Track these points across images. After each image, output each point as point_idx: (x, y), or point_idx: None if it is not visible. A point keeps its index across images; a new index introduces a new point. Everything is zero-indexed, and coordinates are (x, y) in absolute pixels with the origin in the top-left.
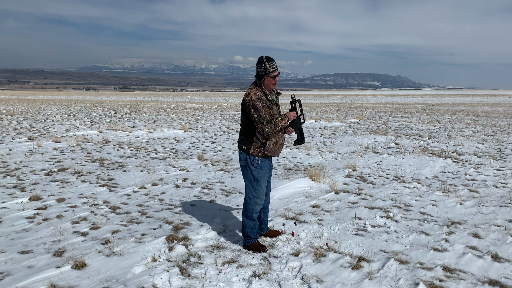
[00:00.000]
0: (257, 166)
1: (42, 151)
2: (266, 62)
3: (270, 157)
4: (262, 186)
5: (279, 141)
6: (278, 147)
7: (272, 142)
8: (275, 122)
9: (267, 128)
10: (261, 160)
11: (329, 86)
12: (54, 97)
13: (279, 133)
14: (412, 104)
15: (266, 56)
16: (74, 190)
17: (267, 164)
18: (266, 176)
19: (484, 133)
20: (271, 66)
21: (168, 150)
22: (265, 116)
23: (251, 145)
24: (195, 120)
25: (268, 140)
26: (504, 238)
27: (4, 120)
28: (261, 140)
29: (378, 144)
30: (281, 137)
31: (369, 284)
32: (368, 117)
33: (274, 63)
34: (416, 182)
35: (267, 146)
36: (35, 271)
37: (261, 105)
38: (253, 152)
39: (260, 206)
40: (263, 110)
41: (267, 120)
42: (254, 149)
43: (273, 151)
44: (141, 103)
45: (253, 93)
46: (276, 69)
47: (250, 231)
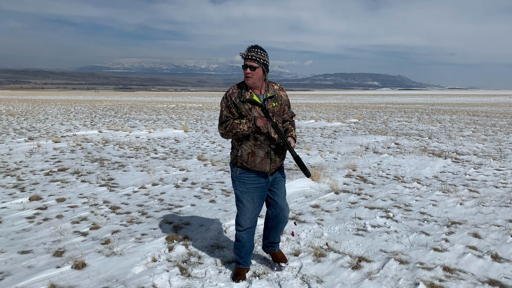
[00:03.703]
0: (235, 177)
1: (42, 151)
2: (247, 47)
3: (255, 171)
4: (245, 204)
5: (257, 152)
6: (258, 160)
7: (246, 152)
8: (232, 124)
9: (220, 130)
10: (240, 172)
11: (329, 86)
12: (54, 97)
13: (256, 142)
14: (412, 104)
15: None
16: (74, 190)
17: (252, 180)
18: (252, 194)
19: (484, 133)
20: (246, 51)
21: (168, 150)
22: (220, 116)
23: (232, 151)
24: (195, 120)
25: (240, 148)
26: (504, 238)
27: (4, 120)
28: (236, 147)
29: (378, 144)
30: (261, 149)
31: (369, 284)
32: (368, 117)
33: (252, 51)
34: (416, 182)
35: (241, 155)
36: (35, 271)
37: (224, 104)
38: (233, 160)
39: (246, 229)
40: (224, 110)
41: (221, 121)
42: (233, 156)
43: (251, 163)
44: (141, 103)
45: (227, 91)
46: (244, 56)
47: (235, 251)
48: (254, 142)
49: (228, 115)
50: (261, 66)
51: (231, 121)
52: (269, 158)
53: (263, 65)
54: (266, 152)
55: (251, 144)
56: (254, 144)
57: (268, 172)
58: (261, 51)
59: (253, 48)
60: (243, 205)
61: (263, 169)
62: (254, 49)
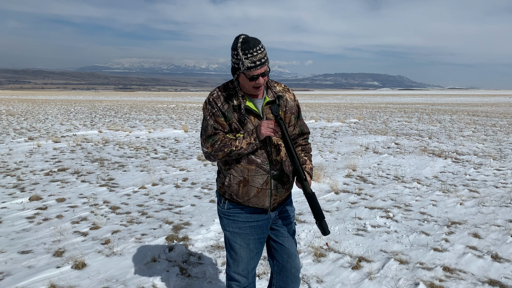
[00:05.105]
0: (222, 213)
1: (42, 151)
2: (241, 49)
3: (249, 207)
4: (237, 251)
5: (251, 181)
6: (252, 192)
7: (236, 180)
8: (223, 140)
9: (205, 148)
10: (228, 206)
11: (329, 86)
12: (54, 97)
13: (250, 167)
14: (412, 104)
15: (244, 36)
16: (74, 190)
17: (246, 216)
18: (246, 236)
19: (484, 133)
20: (249, 58)
21: (168, 150)
22: (205, 128)
23: (218, 177)
24: (195, 120)
25: (228, 174)
26: (504, 238)
27: (4, 120)
28: (223, 172)
29: (378, 144)
30: (258, 175)
31: (369, 284)
32: (368, 117)
33: (256, 53)
34: (416, 182)
35: (229, 185)
36: (35, 271)
37: (208, 113)
38: (219, 189)
39: (238, 283)
40: (209, 119)
41: (207, 135)
42: (219, 185)
43: (243, 196)
44: (141, 103)
45: (210, 94)
46: (256, 64)
47: None
48: (247, 165)
49: (217, 126)
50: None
51: (221, 136)
52: (268, 189)
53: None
54: (264, 181)
55: (243, 169)
56: (248, 169)
57: (268, 209)
58: (263, 47)
59: (254, 46)
60: (234, 252)
61: (260, 204)
62: (257, 48)
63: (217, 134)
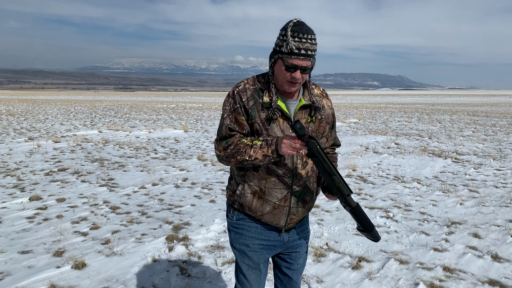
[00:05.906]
0: (231, 225)
1: (42, 151)
2: (291, 29)
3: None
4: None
5: (268, 194)
6: (267, 207)
7: (251, 190)
8: (237, 145)
9: (217, 151)
10: (238, 217)
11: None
12: (54, 97)
13: (269, 178)
14: (412, 104)
15: (300, 20)
16: (74, 190)
17: (257, 231)
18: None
19: (484, 133)
20: (296, 41)
21: (168, 150)
22: (220, 128)
23: (229, 184)
24: (195, 120)
25: (242, 183)
26: (504, 238)
27: (4, 120)
28: (235, 179)
29: (378, 144)
30: (277, 189)
31: (369, 284)
32: (368, 117)
33: (306, 40)
34: (416, 182)
35: (241, 194)
36: (35, 271)
37: (229, 107)
38: (229, 199)
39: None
40: (226, 117)
41: (220, 136)
42: (230, 192)
43: (256, 210)
44: (141, 103)
45: (235, 86)
46: (300, 51)
47: None
48: (266, 176)
49: (233, 126)
50: (313, 63)
51: (236, 139)
52: (287, 206)
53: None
54: (283, 196)
55: (260, 179)
56: (266, 180)
57: (282, 228)
58: (315, 40)
59: (307, 33)
60: (243, 275)
61: (274, 222)
62: (309, 35)
63: (232, 137)
